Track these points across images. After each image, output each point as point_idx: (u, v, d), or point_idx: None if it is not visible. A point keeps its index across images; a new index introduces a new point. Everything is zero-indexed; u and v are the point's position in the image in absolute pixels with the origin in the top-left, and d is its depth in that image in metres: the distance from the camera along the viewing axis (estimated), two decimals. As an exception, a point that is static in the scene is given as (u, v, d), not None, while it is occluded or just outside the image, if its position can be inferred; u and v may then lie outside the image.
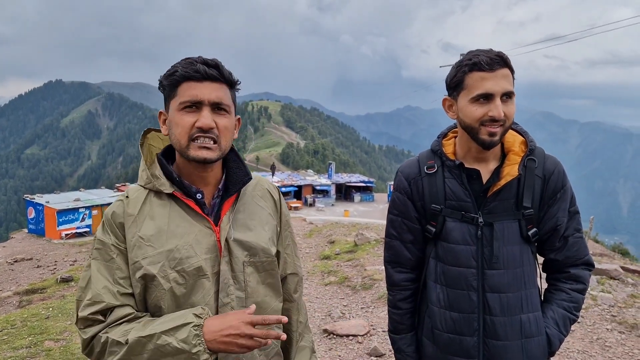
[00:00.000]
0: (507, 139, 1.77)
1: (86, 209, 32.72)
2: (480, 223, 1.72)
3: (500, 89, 1.60)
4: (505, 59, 1.62)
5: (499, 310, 1.72)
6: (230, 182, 1.54)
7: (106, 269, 1.41)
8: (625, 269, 7.86)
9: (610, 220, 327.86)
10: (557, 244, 1.79)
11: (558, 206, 1.75)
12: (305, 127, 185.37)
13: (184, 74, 1.39)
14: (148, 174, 1.47)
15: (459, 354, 1.78)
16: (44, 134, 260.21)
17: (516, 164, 1.71)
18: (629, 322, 5.60)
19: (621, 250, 15.46)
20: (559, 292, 1.83)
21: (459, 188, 1.76)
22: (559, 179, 1.75)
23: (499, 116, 1.60)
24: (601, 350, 4.94)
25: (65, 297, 8.12)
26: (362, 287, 7.33)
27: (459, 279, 1.76)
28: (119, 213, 1.44)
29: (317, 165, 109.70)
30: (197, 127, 1.38)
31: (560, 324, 1.78)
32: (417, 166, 1.88)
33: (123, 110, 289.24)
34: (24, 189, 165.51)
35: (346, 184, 51.28)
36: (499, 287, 1.72)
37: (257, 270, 1.53)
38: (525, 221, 1.73)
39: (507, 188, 1.71)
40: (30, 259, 16.70)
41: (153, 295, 1.40)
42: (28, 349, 5.08)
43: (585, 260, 1.82)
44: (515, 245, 1.73)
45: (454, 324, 1.78)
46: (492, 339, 1.74)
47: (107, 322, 1.36)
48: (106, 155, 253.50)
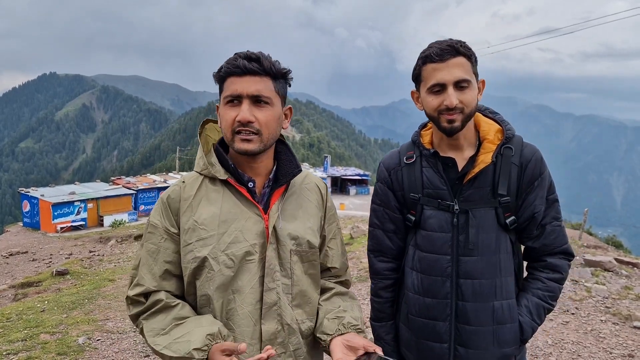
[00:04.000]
0: (482, 127, 1.80)
1: (81, 202, 32.65)
2: (456, 210, 1.75)
3: (451, 77, 1.64)
4: (457, 48, 1.65)
5: (471, 296, 1.76)
6: (281, 173, 1.61)
7: (154, 252, 1.52)
8: (619, 261, 7.92)
9: (604, 212, 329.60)
10: (534, 232, 1.80)
11: (535, 194, 1.76)
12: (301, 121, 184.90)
13: (227, 70, 1.47)
14: (205, 160, 1.57)
15: (432, 339, 1.82)
16: (38, 127, 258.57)
17: (490, 152, 1.73)
18: (622, 314, 5.65)
19: (615, 243, 15.58)
20: (535, 280, 1.83)
21: (435, 176, 1.80)
22: (536, 167, 1.75)
23: (451, 105, 1.64)
24: (595, 341, 4.97)
25: (60, 290, 8.12)
26: (358, 279, 7.35)
27: (434, 265, 1.80)
28: (174, 197, 1.55)
29: (313, 158, 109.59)
30: (237, 120, 1.46)
31: (533, 312, 1.79)
32: (397, 157, 1.93)
33: (118, 103, 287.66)
34: (19, 182, 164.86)
35: (342, 177, 51.37)
36: (472, 273, 1.75)
37: (301, 259, 1.60)
38: (503, 209, 1.75)
39: (483, 176, 1.74)
40: (26, 252, 16.68)
41: (203, 277, 1.49)
42: (24, 342, 5.08)
43: (563, 249, 1.82)
44: (492, 232, 1.75)
45: (427, 310, 1.82)
46: (464, 324, 1.77)
47: (146, 305, 1.50)
48: (101, 148, 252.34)
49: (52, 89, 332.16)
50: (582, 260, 7.92)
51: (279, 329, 1.53)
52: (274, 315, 1.52)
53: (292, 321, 1.56)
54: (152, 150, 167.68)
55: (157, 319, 1.48)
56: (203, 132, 1.67)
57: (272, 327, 1.52)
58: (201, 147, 1.62)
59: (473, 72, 1.69)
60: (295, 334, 1.57)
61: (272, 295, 1.51)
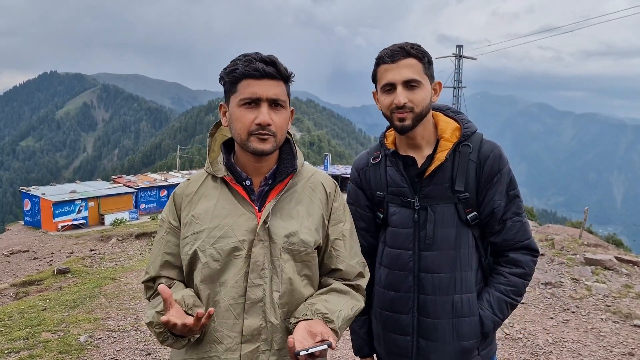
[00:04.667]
0: (440, 126, 1.86)
1: (82, 201, 32.66)
2: (416, 207, 1.82)
3: (400, 77, 1.72)
4: (407, 49, 1.73)
5: (431, 290, 1.81)
6: (279, 172, 1.65)
7: (159, 244, 1.66)
8: (620, 260, 7.92)
9: (604, 211, 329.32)
10: (496, 227, 1.83)
11: (495, 190, 1.80)
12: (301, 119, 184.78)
13: (244, 72, 1.50)
14: (208, 159, 1.67)
15: (396, 331, 1.89)
16: (39, 125, 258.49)
17: (447, 149, 1.79)
18: (623, 312, 5.65)
19: (615, 241, 15.59)
20: (498, 275, 1.87)
21: (396, 175, 1.87)
22: (494, 163, 1.79)
23: (399, 103, 1.72)
24: (596, 339, 4.98)
25: (62, 288, 8.13)
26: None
27: (397, 260, 1.87)
28: (179, 193, 1.67)
29: (313, 157, 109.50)
30: (256, 123, 1.51)
31: (494, 306, 1.83)
32: (366, 157, 2.03)
33: (118, 102, 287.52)
34: (20, 181, 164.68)
35: (342, 176, 51.29)
36: (431, 267, 1.81)
37: (293, 258, 1.60)
38: (462, 205, 1.80)
39: (440, 173, 1.80)
40: (27, 251, 16.69)
41: (195, 268, 1.57)
42: (25, 340, 5.09)
43: (525, 245, 1.84)
44: (451, 228, 1.80)
45: (392, 303, 1.90)
46: (424, 316, 1.84)
47: (153, 290, 1.65)
48: (102, 147, 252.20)
49: (53, 88, 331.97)
50: (583, 259, 7.92)
51: (263, 325, 1.54)
52: (259, 312, 1.54)
53: (277, 319, 1.55)
54: (152, 148, 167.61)
55: (156, 298, 1.59)
56: (218, 132, 1.76)
57: (255, 322, 1.53)
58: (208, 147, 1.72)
59: (425, 74, 1.76)
60: (280, 332, 1.56)
61: (258, 291, 1.54)
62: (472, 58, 42.33)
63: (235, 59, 1.55)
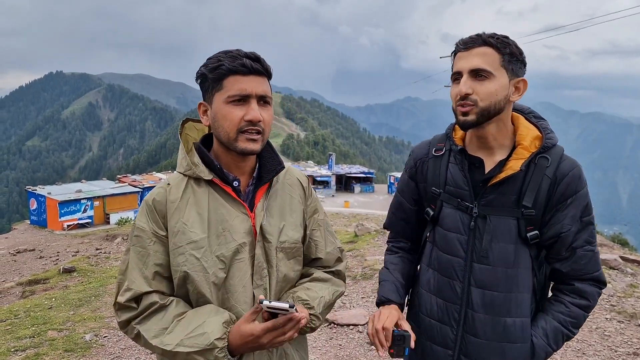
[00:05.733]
0: (520, 131, 1.67)
1: (88, 200, 32.81)
2: (475, 214, 1.67)
3: (468, 66, 1.57)
4: (484, 37, 1.58)
5: (481, 307, 1.67)
6: (264, 170, 1.62)
7: (143, 255, 1.48)
8: (625, 259, 7.88)
9: (609, 210, 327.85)
10: (563, 254, 1.65)
11: (567, 213, 1.61)
12: (306, 119, 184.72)
13: (231, 68, 1.44)
14: (189, 161, 1.53)
15: (437, 342, 1.76)
16: (44, 125, 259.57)
17: (522, 158, 1.61)
18: (628, 312, 5.63)
19: (620, 241, 15.50)
20: (558, 303, 1.69)
21: (459, 174, 1.71)
22: (571, 183, 1.61)
23: (460, 92, 1.58)
24: (600, 339, 4.97)
25: (68, 287, 8.17)
26: (363, 277, 7.36)
27: (447, 266, 1.74)
28: (160, 200, 1.51)
29: (318, 156, 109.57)
30: (246, 120, 1.45)
31: (550, 336, 1.67)
32: (427, 147, 1.86)
33: (124, 101, 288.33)
34: (26, 180, 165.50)
35: (346, 175, 51.34)
36: (484, 283, 1.67)
37: (287, 256, 1.61)
38: (525, 221, 1.63)
39: (510, 183, 1.62)
40: (33, 250, 16.76)
41: (196, 279, 1.46)
42: (31, 338, 5.13)
43: (594, 277, 1.66)
44: (510, 243, 1.64)
45: (438, 311, 1.77)
46: (471, 334, 1.69)
47: (138, 309, 1.45)
48: (107, 146, 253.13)
49: (59, 88, 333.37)
50: (588, 258, 7.89)
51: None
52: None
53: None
54: (157, 148, 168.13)
55: (153, 320, 1.45)
56: (183, 131, 1.65)
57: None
58: (183, 147, 1.59)
59: (502, 66, 1.57)
60: None
61: (260, 292, 1.54)
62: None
63: (215, 56, 1.49)
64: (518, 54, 1.60)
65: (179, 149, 1.60)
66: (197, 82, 1.53)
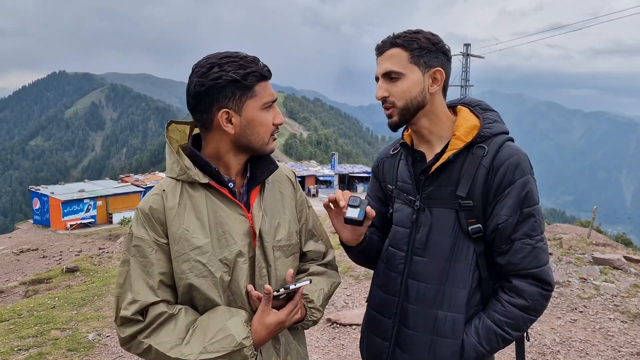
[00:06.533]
0: (457, 122, 1.67)
1: (91, 200, 32.91)
2: (416, 207, 1.69)
3: (380, 70, 1.62)
4: (392, 40, 1.61)
5: (414, 299, 1.68)
6: (257, 170, 1.62)
7: (145, 265, 1.44)
8: (629, 259, 7.85)
9: (613, 210, 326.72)
10: (502, 247, 1.59)
11: (504, 203, 1.56)
12: (309, 118, 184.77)
13: (262, 74, 1.47)
14: (182, 165, 1.49)
15: (376, 334, 1.80)
16: (47, 125, 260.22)
17: (455, 149, 1.60)
18: (631, 312, 5.62)
19: (624, 240, 15.43)
20: (496, 302, 1.62)
21: (404, 169, 1.77)
22: (507, 172, 1.56)
23: (377, 98, 1.63)
24: (604, 339, 4.96)
25: (71, 287, 8.19)
26: (365, 276, 7.36)
27: (391, 260, 1.77)
28: (157, 208, 1.47)
29: (320, 156, 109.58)
30: (275, 124, 1.53)
31: (481, 335, 1.60)
32: (388, 148, 1.94)
33: (127, 101, 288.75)
34: (29, 180, 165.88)
35: (349, 175, 51.35)
36: (420, 275, 1.67)
37: (284, 254, 1.62)
38: (465, 213, 1.60)
39: (446, 174, 1.62)
40: (36, 249, 16.80)
41: (204, 285, 1.45)
42: (35, 338, 5.14)
43: (533, 273, 1.56)
44: (448, 237, 1.63)
45: (380, 304, 1.81)
46: (404, 326, 1.71)
47: (145, 322, 1.40)
48: (110, 146, 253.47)
49: (62, 87, 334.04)
50: (591, 258, 7.87)
51: None
52: None
53: None
54: (160, 148, 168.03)
55: (165, 331, 1.40)
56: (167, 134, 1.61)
57: None
58: (172, 151, 1.54)
59: (413, 63, 1.58)
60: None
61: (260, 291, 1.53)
62: (480, 56, 42.21)
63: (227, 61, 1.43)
64: (429, 45, 1.59)
65: (167, 153, 1.55)
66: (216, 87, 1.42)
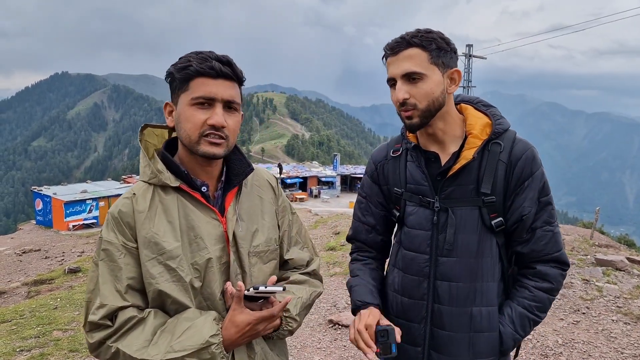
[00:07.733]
0: (469, 121, 1.68)
1: (93, 201, 32.90)
2: (436, 208, 1.67)
3: (399, 71, 1.57)
4: (408, 39, 1.56)
5: (447, 300, 1.67)
6: (233, 174, 1.57)
7: (113, 269, 1.40)
8: (631, 260, 7.84)
9: (616, 211, 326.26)
10: (524, 236, 1.66)
11: (525, 195, 1.62)
12: (310, 119, 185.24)
13: (199, 70, 1.38)
14: (152, 168, 1.46)
15: (405, 341, 1.72)
16: (50, 126, 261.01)
17: (474, 147, 1.62)
18: (634, 313, 5.60)
19: (627, 242, 15.40)
20: (522, 289, 1.70)
21: (417, 171, 1.72)
22: (526, 165, 1.61)
23: (398, 99, 1.58)
24: (606, 341, 4.94)
25: (73, 287, 8.20)
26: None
27: (412, 264, 1.73)
28: (126, 212, 1.44)
29: (322, 156, 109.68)
30: (209, 124, 1.40)
31: (516, 323, 1.67)
32: (385, 150, 1.88)
33: (129, 102, 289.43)
34: (31, 180, 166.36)
35: (351, 176, 51.25)
36: (449, 275, 1.66)
37: (261, 260, 1.56)
38: (488, 209, 1.63)
39: (465, 173, 1.63)
40: (38, 250, 16.84)
41: (174, 291, 1.41)
42: (37, 338, 5.14)
43: (555, 257, 1.67)
44: (474, 234, 1.64)
45: (404, 310, 1.76)
46: (439, 328, 1.69)
47: (114, 327, 1.36)
48: (112, 147, 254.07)
49: (64, 88, 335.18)
50: (594, 260, 7.85)
51: None
52: None
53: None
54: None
55: (133, 335, 1.37)
56: (143, 138, 1.58)
57: None
58: (145, 155, 1.51)
59: (433, 63, 1.56)
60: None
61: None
62: (482, 57, 42.15)
63: (186, 56, 1.43)
64: (445, 45, 1.58)
65: (140, 156, 1.53)
66: (166, 81, 1.47)
